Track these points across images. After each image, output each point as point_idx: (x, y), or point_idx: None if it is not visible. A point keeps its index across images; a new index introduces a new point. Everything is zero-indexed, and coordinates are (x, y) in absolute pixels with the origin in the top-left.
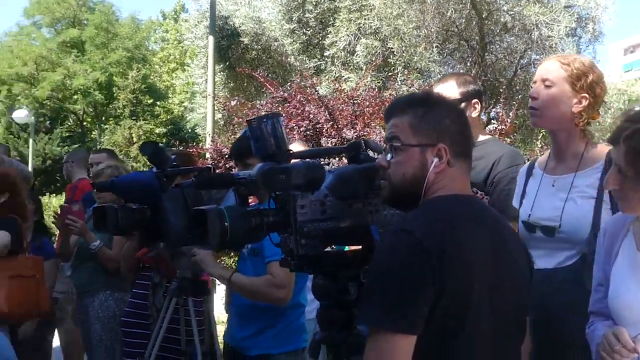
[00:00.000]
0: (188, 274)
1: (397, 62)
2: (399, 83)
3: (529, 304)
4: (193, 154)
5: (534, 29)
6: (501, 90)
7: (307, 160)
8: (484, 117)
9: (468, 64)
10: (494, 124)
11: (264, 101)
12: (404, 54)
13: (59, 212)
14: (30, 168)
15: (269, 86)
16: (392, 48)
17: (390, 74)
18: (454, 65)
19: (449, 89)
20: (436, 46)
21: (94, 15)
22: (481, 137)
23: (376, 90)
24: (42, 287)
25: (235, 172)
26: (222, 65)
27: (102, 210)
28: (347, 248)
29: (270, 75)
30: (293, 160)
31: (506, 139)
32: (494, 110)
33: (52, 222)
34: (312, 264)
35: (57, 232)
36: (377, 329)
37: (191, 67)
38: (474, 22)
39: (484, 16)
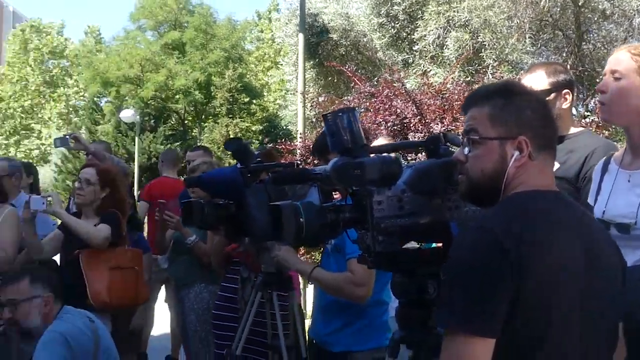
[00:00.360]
0: (272, 269)
1: (488, 55)
2: (489, 76)
3: (622, 306)
4: (274, 150)
5: (635, 15)
6: (599, 80)
7: (383, 154)
8: (581, 110)
9: (564, 55)
10: (589, 115)
11: (351, 97)
12: (496, 46)
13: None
14: (136, 165)
15: (357, 81)
16: (483, 41)
17: (480, 67)
18: (548, 56)
19: (538, 79)
20: (529, 37)
21: (194, 17)
22: (573, 130)
23: (464, 84)
24: (141, 279)
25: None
26: (312, 62)
27: (190, 205)
28: (434, 245)
29: (359, 70)
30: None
31: (604, 131)
32: (592, 101)
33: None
34: (390, 261)
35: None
36: (454, 329)
37: (283, 65)
38: (570, 11)
39: (580, 4)
